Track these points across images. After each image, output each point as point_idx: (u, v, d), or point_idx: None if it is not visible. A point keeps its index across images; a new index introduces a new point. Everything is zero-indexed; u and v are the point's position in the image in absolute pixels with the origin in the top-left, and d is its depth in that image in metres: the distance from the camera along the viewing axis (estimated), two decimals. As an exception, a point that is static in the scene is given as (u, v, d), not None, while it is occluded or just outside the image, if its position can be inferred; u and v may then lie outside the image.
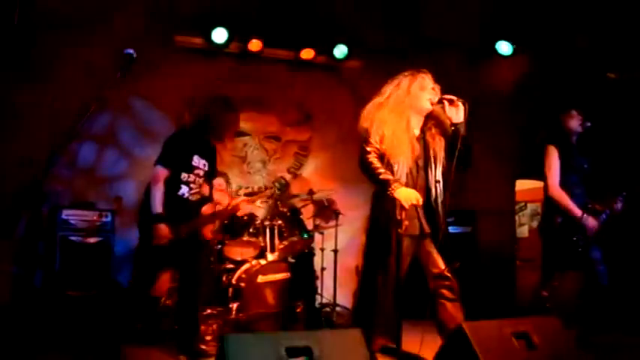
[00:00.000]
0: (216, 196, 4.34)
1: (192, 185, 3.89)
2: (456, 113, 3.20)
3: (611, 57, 5.04)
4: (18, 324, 3.95)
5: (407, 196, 3.08)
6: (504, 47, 5.70)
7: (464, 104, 3.20)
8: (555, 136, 4.22)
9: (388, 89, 3.45)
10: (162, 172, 3.76)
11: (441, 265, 3.20)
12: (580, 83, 5.18)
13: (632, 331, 4.38)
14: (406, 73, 3.44)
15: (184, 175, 3.85)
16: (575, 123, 4.15)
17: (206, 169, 3.99)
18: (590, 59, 5.17)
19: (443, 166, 3.33)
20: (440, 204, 3.29)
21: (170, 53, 5.97)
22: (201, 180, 3.96)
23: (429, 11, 5.52)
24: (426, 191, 3.28)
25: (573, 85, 5.22)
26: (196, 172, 3.92)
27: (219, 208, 4.34)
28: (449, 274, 3.20)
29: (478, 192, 6.13)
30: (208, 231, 5.23)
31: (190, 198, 3.89)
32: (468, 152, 3.21)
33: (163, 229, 3.66)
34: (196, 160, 3.91)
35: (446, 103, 3.22)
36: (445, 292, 3.16)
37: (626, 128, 4.81)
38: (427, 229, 3.27)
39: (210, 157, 4.05)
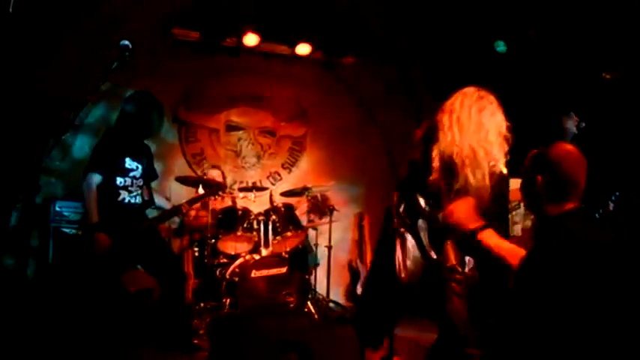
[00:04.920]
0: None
1: (130, 189, 3.76)
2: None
3: (607, 57, 5.05)
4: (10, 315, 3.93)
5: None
6: (500, 46, 5.72)
7: None
8: (549, 136, 4.24)
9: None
10: (95, 179, 3.62)
11: (453, 258, 3.19)
12: (575, 83, 5.19)
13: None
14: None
15: (120, 180, 3.72)
16: (570, 124, 4.18)
17: (141, 171, 3.85)
18: (585, 59, 5.18)
19: None
20: None
21: (166, 46, 5.95)
22: (139, 182, 3.83)
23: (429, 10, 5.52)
24: None
25: (568, 85, 5.23)
26: (132, 174, 3.78)
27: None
28: (460, 269, 3.19)
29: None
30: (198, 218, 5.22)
31: (132, 202, 3.78)
32: None
33: (103, 238, 3.55)
34: (129, 163, 3.78)
35: None
36: (455, 285, 3.14)
37: (621, 129, 4.83)
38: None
39: (144, 159, 3.91)
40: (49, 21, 4.35)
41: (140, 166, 3.85)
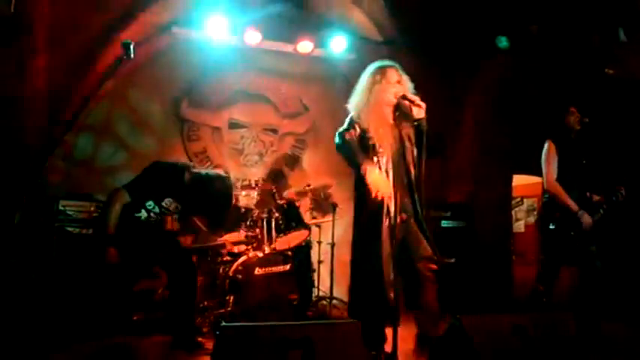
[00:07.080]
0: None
1: (151, 215, 3.79)
2: (417, 112, 3.26)
3: (609, 53, 5.04)
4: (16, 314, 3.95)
5: (377, 184, 3.16)
6: (503, 42, 5.72)
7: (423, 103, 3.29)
8: (553, 131, 4.23)
9: (366, 80, 3.57)
10: (123, 197, 3.64)
11: (428, 248, 3.21)
12: (578, 79, 5.18)
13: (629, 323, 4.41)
14: (377, 67, 3.54)
15: (150, 203, 3.77)
16: (573, 120, 4.17)
17: (174, 208, 3.90)
18: (588, 55, 5.17)
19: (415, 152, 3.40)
20: (415, 187, 3.33)
21: (168, 44, 5.95)
22: (166, 212, 3.86)
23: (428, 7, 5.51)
24: (406, 175, 3.33)
25: (571, 80, 5.22)
26: (164, 208, 3.84)
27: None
28: (435, 257, 3.20)
29: (475, 186, 6.14)
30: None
31: (149, 219, 3.80)
32: (441, 141, 3.28)
33: (112, 253, 3.57)
34: (167, 203, 3.84)
35: (407, 102, 3.29)
36: (430, 275, 3.16)
37: (624, 123, 4.82)
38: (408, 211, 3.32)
39: (184, 198, 3.94)
40: (51, 18, 4.35)
41: (179, 206, 3.90)
